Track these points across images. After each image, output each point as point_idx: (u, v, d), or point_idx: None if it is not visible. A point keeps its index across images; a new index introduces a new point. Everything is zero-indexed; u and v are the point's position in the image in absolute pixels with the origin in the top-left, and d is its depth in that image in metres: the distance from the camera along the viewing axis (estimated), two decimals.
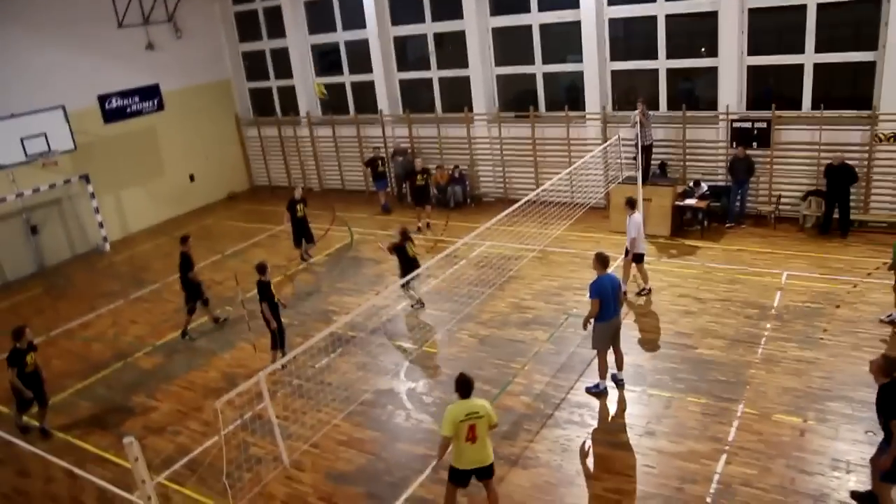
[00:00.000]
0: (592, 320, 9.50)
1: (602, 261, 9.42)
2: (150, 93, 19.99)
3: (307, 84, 22.50)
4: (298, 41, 22.14)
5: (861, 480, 7.67)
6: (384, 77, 20.71)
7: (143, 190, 21.11)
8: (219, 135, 23.44)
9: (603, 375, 9.78)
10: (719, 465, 8.14)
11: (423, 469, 8.63)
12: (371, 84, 21.09)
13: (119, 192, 20.48)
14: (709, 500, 7.64)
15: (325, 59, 22.41)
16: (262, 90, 24.00)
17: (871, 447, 8.14)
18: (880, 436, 8.39)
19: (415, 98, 20.92)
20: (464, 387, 7.01)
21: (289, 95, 23.06)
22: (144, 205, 21.12)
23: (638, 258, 12.64)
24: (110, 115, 19.10)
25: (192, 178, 22.53)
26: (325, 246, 17.12)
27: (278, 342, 11.40)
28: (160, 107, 20.29)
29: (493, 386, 10.24)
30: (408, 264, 12.34)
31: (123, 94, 19.31)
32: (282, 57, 22.71)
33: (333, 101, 22.08)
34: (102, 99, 18.82)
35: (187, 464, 9.36)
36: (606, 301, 9.31)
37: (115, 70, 19.62)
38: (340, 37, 21.53)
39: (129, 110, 19.53)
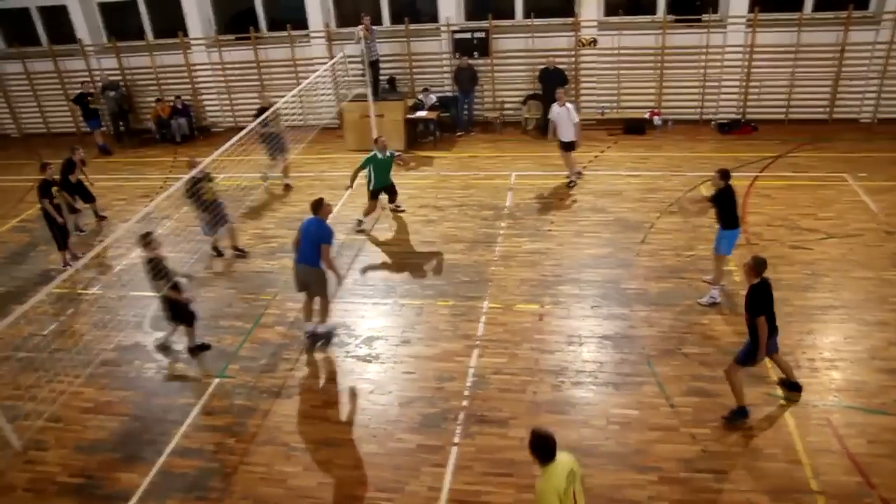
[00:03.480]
0: None
1: (312, 204, 9.00)
2: None
3: None
4: None
5: (591, 350, 8.64)
6: (78, 0, 18.30)
7: None
8: None
9: (306, 318, 9.43)
10: (472, 360, 8.69)
11: (182, 419, 8.19)
12: (64, 9, 18.54)
13: None
14: (467, 392, 8.14)
15: None
16: None
17: (597, 319, 9.20)
18: (605, 308, 9.51)
19: (121, 24, 18.83)
20: (544, 447, 4.97)
21: None
22: None
23: (566, 146, 12.93)
24: None
25: None
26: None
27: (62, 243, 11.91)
28: None
29: (245, 321, 9.91)
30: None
31: None
32: None
33: (19, 31, 19.18)
34: None
35: None
36: (300, 241, 8.95)
37: None
38: None
39: None
